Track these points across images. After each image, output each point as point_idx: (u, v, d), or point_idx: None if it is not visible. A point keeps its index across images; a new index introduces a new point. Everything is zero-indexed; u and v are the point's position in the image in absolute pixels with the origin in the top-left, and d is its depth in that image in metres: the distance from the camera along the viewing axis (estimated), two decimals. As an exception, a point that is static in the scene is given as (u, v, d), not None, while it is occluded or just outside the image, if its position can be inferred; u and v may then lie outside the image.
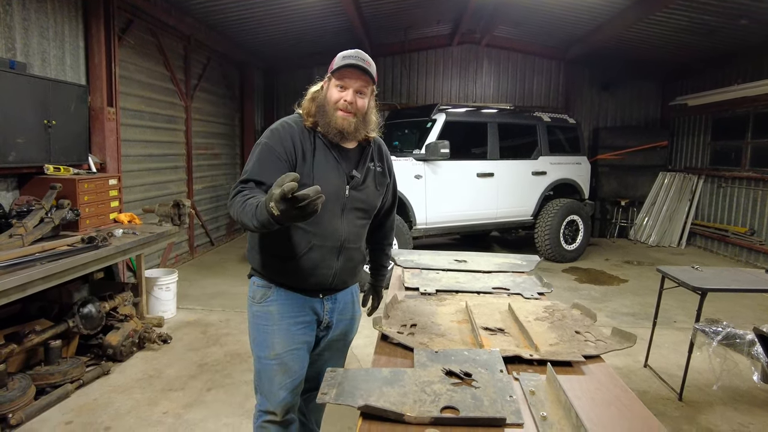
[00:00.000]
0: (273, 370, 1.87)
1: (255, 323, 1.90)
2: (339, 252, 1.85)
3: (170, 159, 6.46)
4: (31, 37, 3.91)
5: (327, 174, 1.78)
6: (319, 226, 1.78)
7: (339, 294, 1.98)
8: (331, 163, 1.81)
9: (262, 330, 1.88)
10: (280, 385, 1.88)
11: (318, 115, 1.80)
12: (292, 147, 1.75)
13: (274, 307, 1.85)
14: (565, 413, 1.26)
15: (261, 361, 1.89)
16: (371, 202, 1.93)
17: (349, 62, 1.74)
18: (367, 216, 1.95)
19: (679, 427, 2.95)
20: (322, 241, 1.80)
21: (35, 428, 2.79)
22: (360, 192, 1.87)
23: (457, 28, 8.83)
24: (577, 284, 6.18)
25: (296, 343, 1.88)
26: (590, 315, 2.02)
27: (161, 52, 6.07)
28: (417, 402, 1.29)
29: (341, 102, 1.76)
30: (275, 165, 1.70)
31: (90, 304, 3.46)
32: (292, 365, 1.88)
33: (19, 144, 3.53)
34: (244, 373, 3.54)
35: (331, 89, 1.79)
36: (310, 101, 1.85)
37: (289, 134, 1.78)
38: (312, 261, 1.81)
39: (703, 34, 6.89)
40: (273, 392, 1.88)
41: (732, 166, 8.02)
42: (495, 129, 6.87)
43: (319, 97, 1.82)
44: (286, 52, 8.80)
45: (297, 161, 1.75)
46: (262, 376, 1.90)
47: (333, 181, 1.79)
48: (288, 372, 1.88)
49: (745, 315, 4.96)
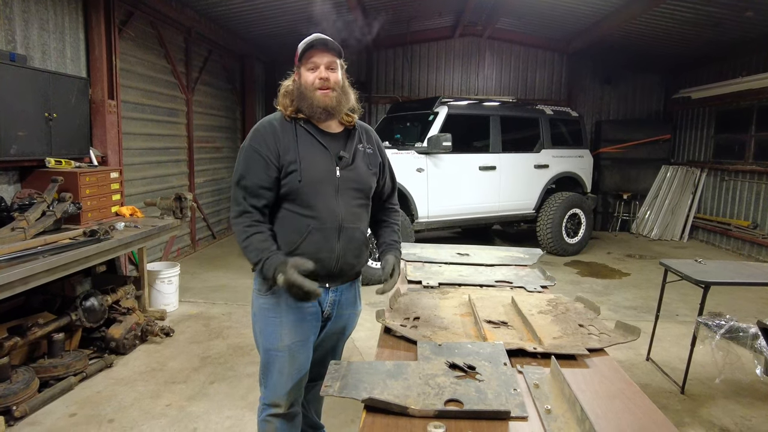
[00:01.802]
0: (281, 361, 1.88)
1: (262, 315, 1.91)
2: (339, 232, 1.86)
3: (172, 152, 6.45)
4: (31, 29, 3.89)
5: (314, 158, 1.84)
6: (315, 209, 1.83)
7: (344, 287, 1.98)
8: (316, 147, 1.86)
9: (270, 321, 1.89)
10: (288, 376, 1.90)
11: (299, 103, 1.87)
12: (274, 143, 1.83)
13: (281, 299, 1.86)
14: (569, 406, 1.26)
15: (269, 353, 1.90)
16: (365, 182, 1.95)
17: (310, 42, 1.82)
18: (364, 196, 1.96)
19: (681, 420, 2.95)
20: (320, 224, 1.83)
21: (39, 420, 2.80)
22: (351, 172, 1.90)
23: (459, 20, 8.77)
24: (579, 278, 6.17)
25: (303, 334, 1.90)
26: (593, 308, 2.01)
27: (162, 45, 6.04)
28: (421, 395, 1.28)
29: (317, 81, 1.82)
30: (259, 165, 1.81)
31: (92, 297, 3.47)
32: (299, 356, 1.90)
33: (20, 137, 3.52)
34: (247, 366, 3.55)
35: (303, 75, 1.86)
36: (284, 96, 1.93)
37: (270, 132, 1.85)
38: (314, 244, 1.83)
39: (708, 26, 6.83)
40: (281, 384, 1.89)
41: (735, 160, 7.98)
42: (497, 122, 6.84)
43: (294, 88, 1.90)
44: (287, 45, 8.72)
45: (281, 153, 1.82)
46: (270, 368, 1.91)
47: (320, 164, 1.85)
48: (295, 363, 1.90)
49: (748, 308, 4.95)
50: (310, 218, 1.83)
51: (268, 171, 1.80)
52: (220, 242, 7.82)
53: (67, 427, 2.75)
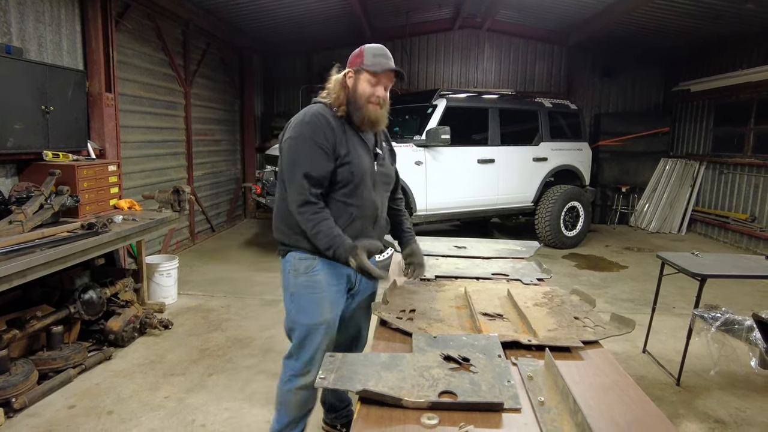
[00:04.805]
0: (321, 334, 2.05)
1: (302, 293, 2.06)
2: (375, 221, 2.10)
3: (170, 145, 6.43)
4: (27, 21, 3.87)
5: (360, 154, 2.02)
6: (360, 199, 2.02)
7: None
8: (360, 144, 2.05)
9: (310, 299, 2.04)
10: (323, 349, 2.06)
11: (348, 105, 2.01)
12: (332, 135, 1.96)
13: (321, 276, 2.04)
14: (562, 398, 1.27)
15: (309, 328, 2.05)
16: (391, 176, 2.22)
17: (389, 66, 1.99)
18: (390, 188, 2.23)
19: (676, 411, 2.97)
20: (362, 213, 2.03)
21: (38, 412, 2.82)
22: (383, 167, 2.14)
23: (459, 12, 8.72)
24: (576, 270, 6.19)
25: (338, 309, 2.11)
26: (589, 301, 2.02)
27: (159, 38, 6.01)
28: (415, 387, 1.29)
29: (374, 97, 1.99)
30: (321, 156, 1.93)
31: (91, 290, 3.47)
32: (334, 329, 2.11)
33: (17, 130, 3.51)
34: (245, 358, 3.57)
35: (362, 83, 1.99)
36: (342, 89, 2.02)
37: (326, 125, 1.96)
38: (355, 231, 2.01)
39: (708, 18, 6.80)
40: (316, 356, 2.05)
41: (734, 153, 7.97)
42: (496, 115, 6.83)
43: (350, 89, 2.02)
44: (285, 37, 8.71)
45: (336, 146, 1.96)
46: (308, 342, 2.06)
47: (365, 159, 2.04)
48: (330, 335, 2.10)
49: (745, 301, 4.97)
50: (354, 206, 2.01)
51: (328, 162, 1.94)
52: (219, 235, 7.83)
53: (67, 419, 2.77)
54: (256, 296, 4.95)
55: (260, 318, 4.36)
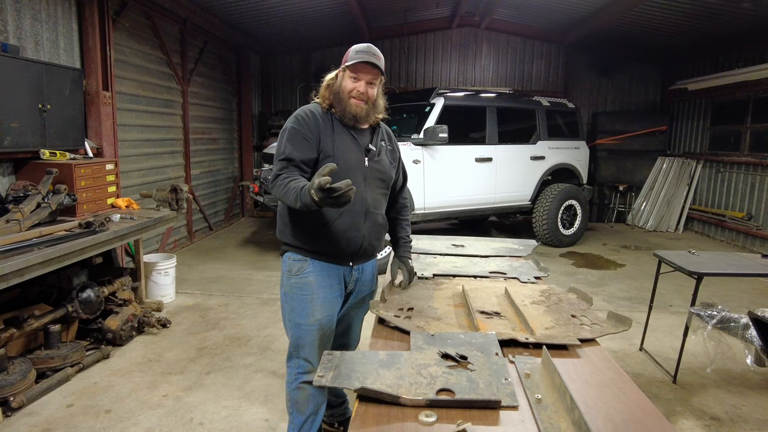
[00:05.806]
0: (314, 334, 2.10)
1: (294, 294, 2.11)
2: (365, 216, 2.09)
3: (167, 144, 6.42)
4: (24, 19, 3.85)
5: (347, 148, 2.06)
6: None
7: (365, 265, 2.23)
8: (349, 139, 2.08)
9: (302, 299, 2.09)
10: (319, 347, 2.11)
11: (334, 101, 2.08)
12: (315, 127, 2.02)
13: (312, 278, 2.08)
14: (559, 396, 1.28)
15: (302, 328, 2.10)
16: (387, 173, 2.20)
17: (363, 59, 1.99)
18: (386, 186, 2.21)
19: (672, 408, 2.99)
20: (350, 206, 1.95)
21: (36, 411, 2.82)
22: (377, 163, 2.14)
23: (457, 10, 8.72)
24: (574, 269, 6.20)
25: (331, 310, 2.13)
26: (586, 299, 2.03)
27: (157, 36, 5.99)
28: (413, 384, 1.30)
29: (354, 92, 2.03)
30: (303, 144, 1.99)
31: (89, 288, 3.47)
32: (327, 329, 2.14)
33: (14, 128, 3.50)
34: (243, 357, 3.57)
35: (345, 80, 2.05)
36: (326, 89, 2.12)
37: (311, 118, 2.04)
38: (343, 225, 2.04)
39: (705, 17, 6.82)
40: (313, 354, 2.11)
41: (731, 151, 8.00)
42: (494, 113, 6.83)
43: (334, 86, 2.09)
44: (283, 36, 8.70)
45: (321, 139, 2.02)
46: (303, 341, 2.11)
47: (353, 153, 2.07)
48: (325, 335, 2.13)
49: (741, 299, 4.99)
50: None
51: (310, 150, 1.99)
52: (217, 234, 7.82)
53: (65, 418, 2.76)
54: (254, 295, 4.95)
55: (258, 316, 4.36)
